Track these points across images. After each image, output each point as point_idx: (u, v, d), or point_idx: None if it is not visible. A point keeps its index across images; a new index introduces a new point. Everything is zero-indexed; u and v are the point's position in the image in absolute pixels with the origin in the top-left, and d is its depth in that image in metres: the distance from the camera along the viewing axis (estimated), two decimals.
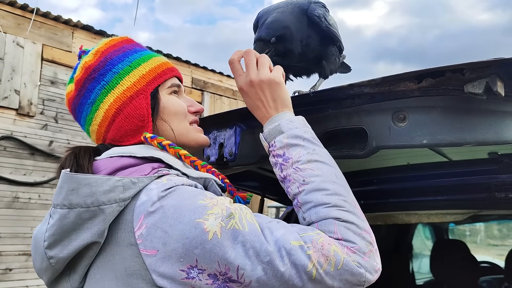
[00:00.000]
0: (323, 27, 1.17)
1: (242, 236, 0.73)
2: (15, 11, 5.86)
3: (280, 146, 0.89)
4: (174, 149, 0.89)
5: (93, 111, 0.93)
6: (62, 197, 0.77)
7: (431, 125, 0.90)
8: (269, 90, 0.93)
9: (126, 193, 0.76)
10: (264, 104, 0.93)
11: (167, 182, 0.78)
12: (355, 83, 0.95)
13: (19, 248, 5.58)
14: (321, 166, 0.85)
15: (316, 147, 0.89)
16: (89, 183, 0.76)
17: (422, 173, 1.70)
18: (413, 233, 3.43)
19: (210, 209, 0.74)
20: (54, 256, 0.78)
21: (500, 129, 0.88)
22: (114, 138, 0.93)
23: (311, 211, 0.82)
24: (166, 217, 0.73)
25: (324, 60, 1.25)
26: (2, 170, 5.58)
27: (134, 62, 0.94)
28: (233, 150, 1.15)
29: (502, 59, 0.77)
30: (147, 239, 0.73)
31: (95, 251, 0.77)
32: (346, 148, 1.02)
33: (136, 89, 0.92)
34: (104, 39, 0.99)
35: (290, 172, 0.86)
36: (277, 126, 0.90)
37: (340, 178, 0.87)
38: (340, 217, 0.79)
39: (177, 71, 1.00)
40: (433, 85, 0.86)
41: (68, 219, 0.76)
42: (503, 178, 1.48)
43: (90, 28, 6.54)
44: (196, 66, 8.12)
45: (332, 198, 0.81)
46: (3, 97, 5.69)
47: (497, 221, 4.09)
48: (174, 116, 0.95)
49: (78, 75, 0.94)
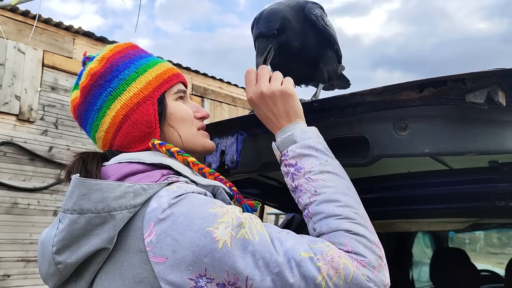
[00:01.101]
0: (319, 27, 1.17)
1: (252, 246, 0.72)
2: (17, 17, 5.89)
3: (292, 155, 0.88)
4: (182, 156, 0.89)
5: (99, 117, 0.93)
6: (73, 202, 0.76)
7: (432, 134, 0.90)
8: (282, 101, 0.93)
9: (137, 200, 0.76)
10: (275, 115, 0.93)
11: (177, 189, 0.78)
12: (357, 92, 0.95)
13: (17, 254, 5.56)
14: (333, 178, 0.86)
15: (329, 158, 0.89)
16: (100, 188, 0.76)
17: (422, 181, 1.70)
18: (413, 241, 3.43)
19: (221, 217, 0.74)
20: (62, 262, 0.77)
21: (501, 139, 0.88)
22: (122, 144, 0.93)
23: (322, 222, 0.81)
24: (176, 224, 0.73)
25: (321, 63, 1.24)
26: (2, 175, 5.58)
27: (140, 68, 0.94)
28: (234, 157, 1.16)
29: (504, 69, 0.78)
30: (156, 246, 0.73)
31: (103, 257, 0.77)
32: (348, 156, 1.03)
33: (143, 95, 0.92)
34: (108, 45, 0.99)
35: (302, 182, 0.86)
36: (290, 135, 0.90)
37: (351, 191, 0.86)
38: (351, 229, 0.79)
39: (182, 77, 1.00)
40: (435, 94, 0.86)
41: (78, 224, 0.75)
42: (503, 187, 1.48)
43: (91, 34, 6.57)
44: (196, 73, 8.14)
45: (343, 210, 0.81)
46: (4, 102, 5.69)
47: (497, 229, 4.08)
48: (181, 122, 0.95)
49: (84, 82, 0.94)
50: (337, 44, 1.25)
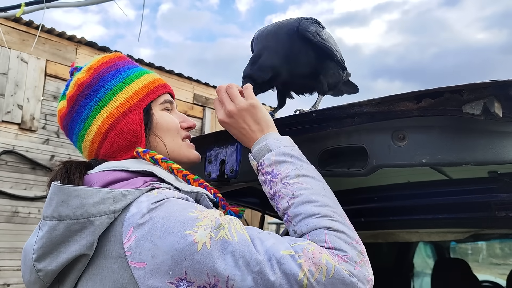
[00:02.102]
0: (315, 42, 1.18)
1: (231, 246, 0.72)
2: (20, 27, 5.94)
3: (268, 163, 0.90)
4: (166, 163, 0.90)
5: (85, 127, 0.93)
6: (52, 209, 0.77)
7: (430, 144, 0.90)
8: (250, 116, 0.95)
9: (116, 205, 0.76)
10: (247, 130, 0.96)
11: (158, 195, 0.78)
12: (355, 102, 0.96)
13: (17, 263, 5.55)
14: (309, 180, 0.87)
15: (304, 163, 0.90)
16: (79, 194, 0.76)
17: (422, 191, 1.70)
18: (414, 251, 3.41)
19: (200, 220, 0.74)
20: (43, 269, 0.78)
21: (499, 149, 0.89)
22: (107, 154, 0.93)
23: (301, 223, 0.82)
24: (155, 229, 0.73)
25: (321, 75, 1.26)
26: (3, 184, 5.59)
27: (127, 78, 0.95)
28: (234, 167, 1.16)
29: (500, 81, 0.78)
30: (136, 251, 0.73)
31: (84, 263, 0.77)
32: (346, 166, 1.03)
33: (129, 105, 0.92)
34: (96, 56, 1.01)
35: (279, 187, 0.87)
36: (265, 145, 0.92)
37: (328, 192, 0.88)
38: (331, 226, 0.79)
39: (169, 87, 1.01)
40: (432, 105, 0.87)
41: (57, 231, 0.76)
42: (503, 197, 1.48)
43: (94, 44, 6.63)
44: (198, 82, 8.18)
45: (321, 209, 0.82)
46: (6, 111, 5.72)
47: (499, 239, 4.07)
48: (167, 132, 0.96)
49: (71, 92, 0.95)
50: (337, 55, 1.26)
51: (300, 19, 1.21)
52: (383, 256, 3.16)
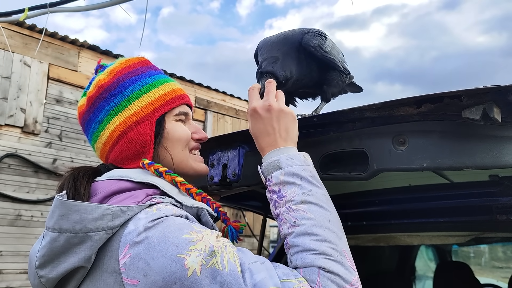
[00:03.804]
0: (319, 56, 1.20)
1: (220, 277, 0.72)
2: (23, 31, 5.97)
3: (276, 182, 0.88)
4: (170, 176, 0.90)
5: (99, 129, 0.95)
6: (53, 221, 0.80)
7: (430, 149, 0.91)
8: (285, 121, 0.94)
9: (115, 222, 0.78)
10: (275, 132, 0.93)
11: (156, 212, 0.79)
12: (356, 107, 0.97)
13: (20, 266, 5.56)
14: (315, 209, 0.84)
15: (313, 187, 0.87)
16: (78, 209, 0.79)
17: (423, 195, 1.71)
18: (416, 255, 3.41)
19: (194, 244, 0.74)
20: (44, 276, 0.81)
21: (498, 154, 0.89)
22: (116, 159, 0.95)
23: (297, 256, 0.81)
24: (150, 249, 0.74)
25: (325, 85, 1.28)
26: (6, 187, 5.60)
27: (145, 86, 0.95)
28: (236, 171, 1.17)
29: (498, 86, 0.79)
30: (130, 268, 0.74)
31: (82, 274, 0.79)
32: (348, 170, 1.04)
33: (142, 114, 0.93)
34: (121, 58, 1.01)
35: (283, 211, 0.86)
36: (275, 161, 0.90)
37: (333, 223, 0.84)
38: (325, 267, 0.77)
39: (187, 98, 1.01)
40: (432, 110, 0.88)
41: (58, 242, 0.79)
42: (504, 201, 1.48)
43: (96, 48, 6.65)
44: (200, 86, 8.19)
45: (320, 244, 0.80)
46: (9, 115, 5.75)
47: (501, 243, 4.06)
48: (176, 143, 0.96)
49: (91, 92, 0.96)
50: (339, 65, 1.27)
51: (303, 32, 1.22)
52: (384, 259, 3.16)
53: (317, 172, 0.97)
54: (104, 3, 2.50)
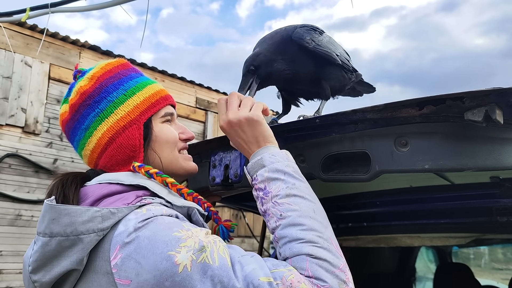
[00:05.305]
0: (310, 49, 1.20)
1: (211, 271, 0.73)
2: (24, 31, 5.97)
3: (261, 180, 0.90)
4: (161, 177, 0.91)
5: (86, 136, 0.95)
6: (44, 225, 0.80)
7: (432, 150, 0.91)
8: (249, 128, 0.94)
9: (105, 223, 0.78)
10: (245, 141, 0.95)
11: (146, 212, 0.79)
12: (358, 108, 0.97)
13: (20, 266, 5.55)
14: (299, 201, 0.85)
15: (297, 181, 0.89)
16: (68, 213, 0.79)
17: (424, 196, 1.71)
18: (416, 256, 3.41)
19: (184, 241, 0.75)
20: (38, 281, 0.81)
21: (500, 155, 0.90)
22: (105, 165, 0.95)
23: (285, 246, 0.82)
24: (140, 248, 0.75)
25: (323, 80, 1.27)
26: (6, 187, 5.60)
27: (129, 90, 0.95)
28: (238, 171, 1.17)
29: (501, 88, 0.79)
30: (121, 269, 0.75)
31: (75, 277, 0.80)
32: (350, 172, 1.04)
33: (129, 119, 0.93)
34: (99, 62, 1.01)
35: (269, 206, 0.87)
36: (259, 160, 0.91)
37: (318, 213, 0.86)
38: (313, 253, 0.78)
39: (171, 99, 1.02)
40: (434, 112, 0.88)
41: (49, 246, 0.79)
42: (504, 202, 1.49)
43: (97, 48, 6.65)
44: (200, 86, 8.19)
45: (306, 233, 0.81)
46: (10, 115, 5.75)
47: (501, 244, 4.06)
48: (165, 145, 0.97)
49: (73, 99, 0.96)
50: (338, 59, 1.26)
51: (295, 26, 1.22)
52: (385, 260, 3.16)
53: (319, 173, 0.97)
54: (105, 3, 2.50)
